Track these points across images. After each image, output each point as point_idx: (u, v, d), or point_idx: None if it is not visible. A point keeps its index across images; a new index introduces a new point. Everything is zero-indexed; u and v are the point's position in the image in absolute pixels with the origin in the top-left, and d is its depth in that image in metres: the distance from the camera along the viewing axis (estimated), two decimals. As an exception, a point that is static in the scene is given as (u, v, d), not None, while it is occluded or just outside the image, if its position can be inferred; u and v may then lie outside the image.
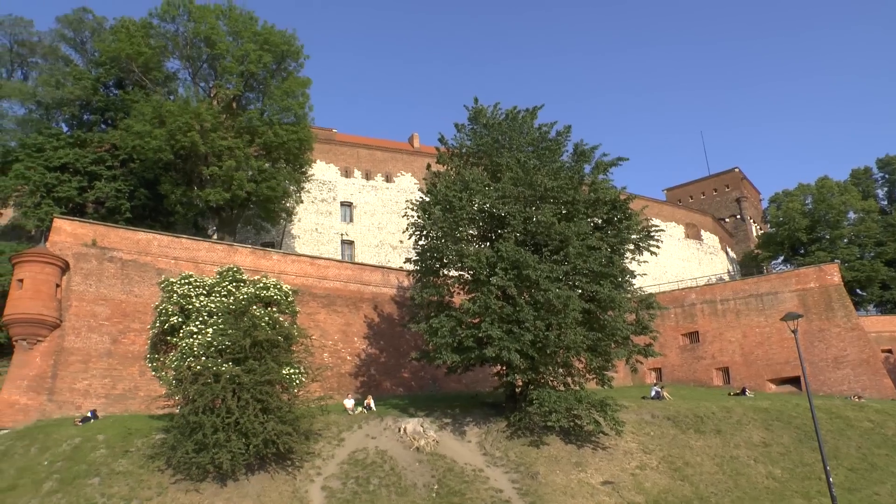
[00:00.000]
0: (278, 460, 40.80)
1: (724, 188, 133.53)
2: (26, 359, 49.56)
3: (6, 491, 37.77)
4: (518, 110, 52.05)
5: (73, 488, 37.72)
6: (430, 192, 49.75)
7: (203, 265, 56.78)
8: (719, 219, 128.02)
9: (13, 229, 73.03)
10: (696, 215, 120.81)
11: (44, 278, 51.09)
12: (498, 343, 42.62)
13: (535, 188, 46.70)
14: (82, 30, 78.00)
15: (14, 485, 38.30)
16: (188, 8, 68.30)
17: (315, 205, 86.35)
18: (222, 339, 41.55)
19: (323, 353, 57.30)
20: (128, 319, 53.33)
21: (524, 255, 43.28)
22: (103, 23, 77.37)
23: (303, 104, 69.44)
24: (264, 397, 39.54)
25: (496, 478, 41.53)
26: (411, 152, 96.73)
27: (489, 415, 49.07)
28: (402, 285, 64.70)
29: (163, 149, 62.89)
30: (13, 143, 70.22)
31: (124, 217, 65.09)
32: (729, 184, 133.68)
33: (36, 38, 79.21)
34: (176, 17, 68.84)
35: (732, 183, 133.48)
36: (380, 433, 45.79)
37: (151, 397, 47.53)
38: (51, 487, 37.94)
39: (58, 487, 37.85)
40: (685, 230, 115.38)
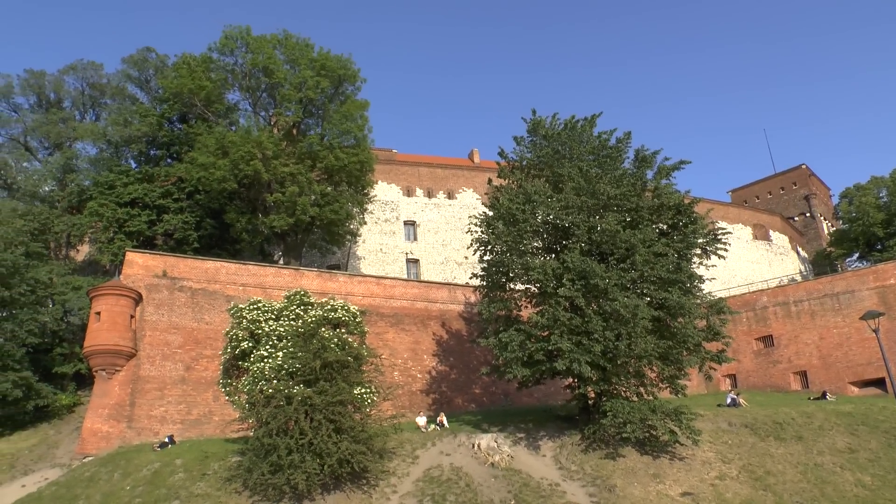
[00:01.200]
0: (353, 479, 41.02)
1: (792, 186, 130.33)
2: (106, 388, 51.13)
3: (93, 516, 38.81)
4: (577, 119, 51.70)
5: (155, 512, 38.54)
6: (493, 206, 49.68)
7: (271, 290, 57.57)
8: (788, 218, 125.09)
9: (89, 265, 75.37)
10: (763, 215, 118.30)
11: (119, 310, 52.68)
12: (568, 355, 42.20)
13: (597, 197, 46.31)
14: (146, 68, 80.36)
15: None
16: (246, 40, 69.79)
17: (378, 225, 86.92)
18: (293, 361, 42.11)
19: (393, 372, 57.53)
20: (200, 346, 54.44)
21: (590, 264, 42.85)
22: (166, 60, 79.55)
23: (362, 126, 70.07)
24: (337, 417, 39.87)
25: (573, 492, 40.98)
26: (472, 168, 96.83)
27: (563, 428, 48.56)
28: (468, 301, 64.66)
29: (227, 179, 64.19)
30: (87, 182, 72.57)
31: (192, 247, 66.68)
32: (796, 181, 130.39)
33: (105, 80, 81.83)
34: (234, 50, 70.51)
35: (800, 180, 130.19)
36: (454, 450, 45.64)
37: (226, 421, 48.36)
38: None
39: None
40: (753, 231, 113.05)
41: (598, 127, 51.92)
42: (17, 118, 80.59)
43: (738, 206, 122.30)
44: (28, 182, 74.98)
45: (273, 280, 59.66)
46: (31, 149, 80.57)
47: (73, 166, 75.23)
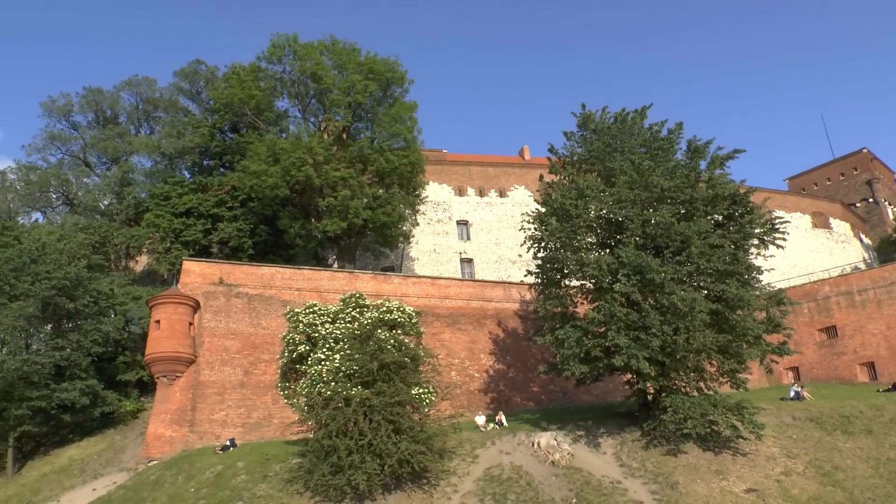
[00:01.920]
0: (414, 479, 41.18)
1: (853, 171, 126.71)
2: (168, 394, 52.20)
3: (160, 517, 39.79)
4: (627, 112, 51.13)
5: (219, 513, 39.30)
6: (545, 202, 49.44)
7: (326, 294, 58.01)
8: (849, 204, 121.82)
9: (148, 275, 77.02)
10: (822, 203, 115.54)
11: (178, 318, 53.79)
12: (626, 351, 41.81)
13: (651, 190, 45.74)
14: (197, 80, 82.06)
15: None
16: (293, 48, 70.60)
17: (431, 226, 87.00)
18: (350, 363, 42.44)
19: (450, 372, 57.57)
20: (257, 351, 55.22)
21: (645, 258, 42.38)
22: (216, 72, 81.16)
23: (411, 128, 70.38)
24: (395, 418, 40.09)
25: (635, 489, 40.51)
26: (523, 165, 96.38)
27: (623, 425, 48.03)
28: (524, 299, 64.40)
29: (279, 185, 64.94)
30: (143, 194, 74.16)
31: (247, 254, 67.68)
32: (857, 166, 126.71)
33: (158, 94, 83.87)
34: (282, 58, 71.47)
35: (861, 165, 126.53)
36: (514, 448, 45.50)
37: (285, 424, 48.98)
38: (198, 513, 39.67)
39: (205, 513, 39.56)
40: (812, 220, 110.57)
41: (648, 119, 51.30)
42: (77, 135, 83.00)
43: (795, 194, 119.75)
44: (88, 197, 77.12)
45: (328, 284, 60.16)
46: (90, 164, 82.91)
47: (129, 179, 77.13)
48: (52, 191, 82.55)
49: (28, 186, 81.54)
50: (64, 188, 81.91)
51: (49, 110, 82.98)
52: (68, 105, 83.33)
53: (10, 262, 55.81)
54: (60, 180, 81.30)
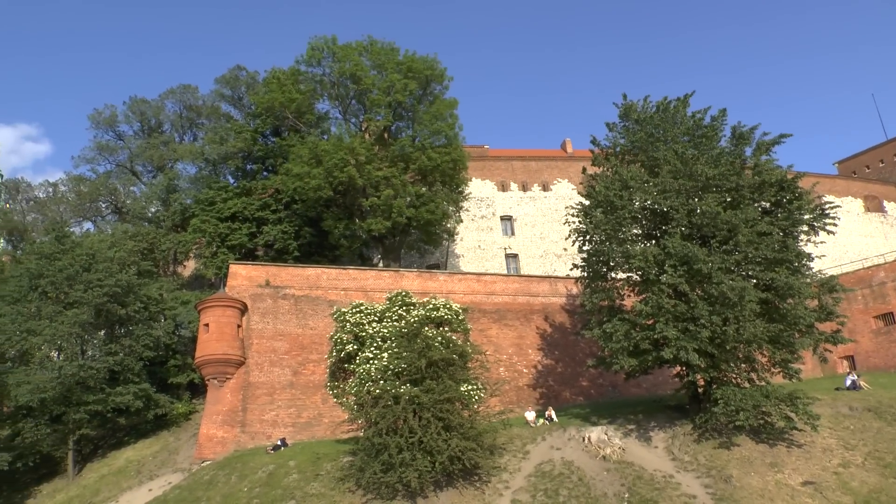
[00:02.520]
0: (465, 476, 41.18)
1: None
2: (218, 395, 52.98)
3: (215, 516, 40.53)
4: (669, 100, 50.30)
5: (273, 512, 39.74)
6: (589, 195, 49.07)
7: (372, 293, 58.25)
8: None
9: (196, 279, 78.23)
10: (875, 186, 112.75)
11: (226, 320, 54.59)
12: (674, 343, 41.24)
13: (695, 179, 45.05)
14: (238, 86, 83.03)
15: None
16: (332, 50, 71.05)
17: (475, 222, 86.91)
18: (398, 361, 42.57)
19: (499, 368, 57.45)
20: (306, 351, 55.76)
21: (692, 248, 41.77)
22: (256, 77, 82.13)
23: (452, 125, 70.36)
24: (445, 415, 40.13)
25: (688, 483, 39.90)
26: (565, 158, 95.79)
27: (673, 418, 47.36)
28: (570, 293, 64.05)
29: (322, 187, 65.35)
30: (189, 200, 75.33)
31: (293, 256, 68.39)
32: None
33: (200, 102, 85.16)
34: (321, 60, 72.01)
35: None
36: (564, 444, 45.20)
37: (335, 423, 49.36)
38: (252, 511, 40.22)
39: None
40: (864, 203, 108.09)
41: (691, 107, 50.43)
42: (123, 145, 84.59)
43: (846, 177, 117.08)
44: (136, 205, 78.53)
45: (374, 283, 60.47)
46: (136, 173, 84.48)
47: (175, 186, 78.40)
48: (101, 200, 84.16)
49: (78, 197, 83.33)
50: (112, 197, 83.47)
51: (96, 122, 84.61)
52: (114, 116, 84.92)
53: (65, 270, 57.27)
54: (109, 190, 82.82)
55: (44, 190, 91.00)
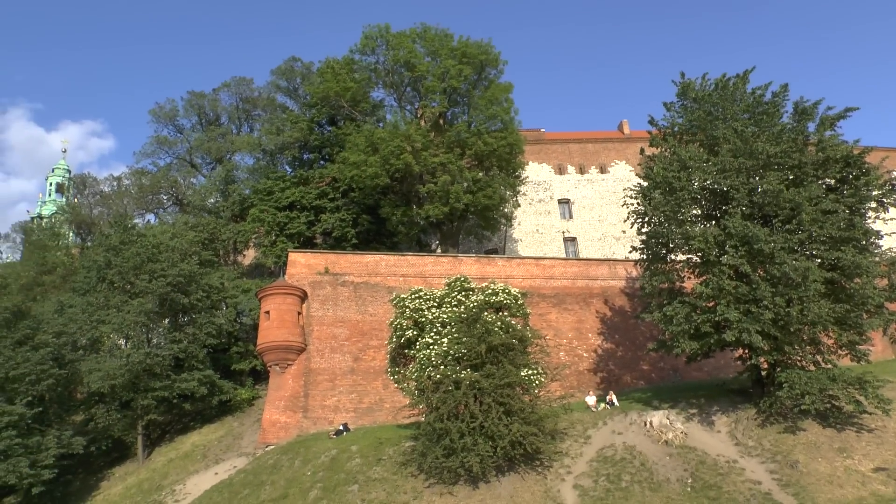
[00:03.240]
0: (527, 461, 41.14)
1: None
2: (280, 382, 53.81)
3: (279, 500, 41.83)
4: (728, 77, 49.13)
5: (336, 495, 40.70)
6: (647, 176, 48.33)
7: (431, 279, 58.48)
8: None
9: (256, 268, 79.38)
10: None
11: (286, 308, 55.37)
12: (736, 325, 40.57)
13: (756, 157, 43.88)
14: (293, 77, 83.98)
15: (285, 494, 42.25)
16: (385, 38, 71.25)
17: (533, 206, 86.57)
18: (458, 347, 42.65)
19: (559, 352, 57.32)
20: (366, 338, 56.22)
21: (753, 228, 40.85)
22: (311, 67, 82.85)
23: (507, 109, 70.12)
24: (506, 400, 40.07)
25: (752, 469, 39.23)
26: (622, 139, 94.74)
27: (736, 402, 46.51)
28: (630, 276, 63.46)
29: (379, 174, 65.71)
30: (247, 190, 76.47)
31: (351, 243, 69.07)
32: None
33: (256, 93, 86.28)
34: (375, 49, 72.28)
35: None
36: (626, 428, 44.88)
37: (396, 408, 49.61)
38: (316, 496, 41.26)
39: (322, 495, 41.08)
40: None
41: (750, 83, 49.11)
42: (182, 138, 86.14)
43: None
44: (196, 196, 79.89)
45: (432, 269, 60.67)
46: (195, 165, 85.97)
47: (233, 177, 79.78)
48: (162, 193, 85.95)
49: (141, 190, 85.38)
50: (173, 189, 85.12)
51: (156, 116, 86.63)
52: (174, 110, 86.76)
53: (130, 261, 58.61)
54: (169, 182, 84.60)
55: (108, 184, 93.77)
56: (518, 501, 38.59)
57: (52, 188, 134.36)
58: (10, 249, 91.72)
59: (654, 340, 49.96)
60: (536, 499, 38.81)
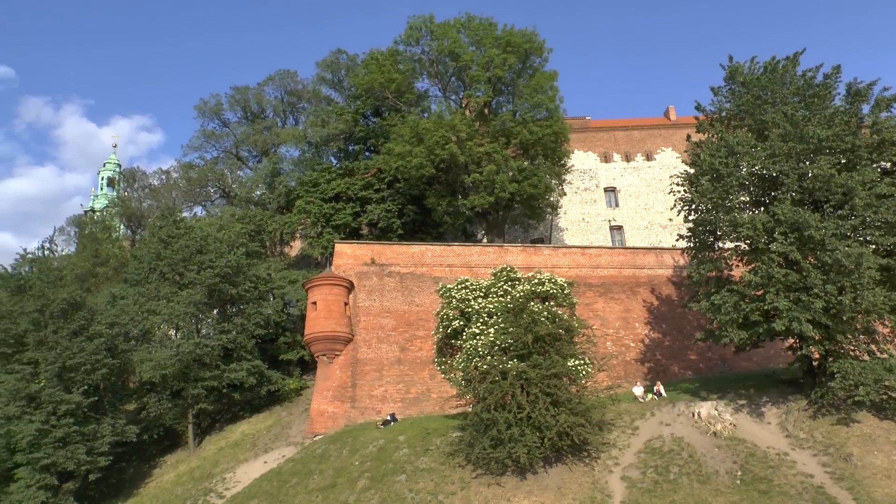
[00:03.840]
0: (574, 452, 40.90)
1: None
2: (328, 372, 54.25)
3: (328, 489, 42.23)
4: (777, 60, 48.06)
5: (384, 485, 40.94)
6: (694, 163, 47.64)
7: (477, 269, 58.41)
8: None
9: (302, 259, 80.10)
10: None
11: (333, 298, 55.80)
12: (786, 314, 39.68)
13: (807, 141, 42.74)
14: (338, 70, 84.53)
15: (333, 483, 42.74)
16: (430, 28, 71.20)
17: (578, 195, 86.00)
18: (504, 337, 42.45)
19: (606, 342, 56.93)
20: (412, 328, 56.37)
21: (804, 214, 39.90)
22: (355, 59, 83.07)
23: (552, 97, 69.69)
24: (553, 390, 39.82)
25: (804, 461, 38.42)
26: (669, 126, 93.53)
27: (787, 393, 45.48)
28: (677, 264, 62.72)
29: (424, 165, 65.75)
30: (293, 182, 76.99)
31: (397, 234, 69.22)
32: None
33: (301, 86, 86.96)
34: (420, 40, 72.27)
35: None
36: (674, 419, 44.31)
37: (443, 398, 49.74)
38: (364, 485, 41.58)
39: (370, 485, 41.38)
40: None
41: (801, 65, 48.00)
42: (228, 132, 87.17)
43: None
44: (242, 189, 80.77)
45: (478, 259, 60.63)
46: (241, 158, 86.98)
47: (279, 170, 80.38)
48: (209, 185, 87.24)
49: (188, 183, 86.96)
50: (220, 182, 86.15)
51: (202, 111, 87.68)
52: (219, 105, 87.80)
53: (180, 252, 59.42)
54: (216, 175, 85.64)
55: (157, 177, 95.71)
56: (566, 493, 38.38)
57: (103, 182, 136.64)
58: (66, 242, 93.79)
59: (702, 330, 49.18)
60: (584, 490, 38.57)
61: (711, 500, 36.52)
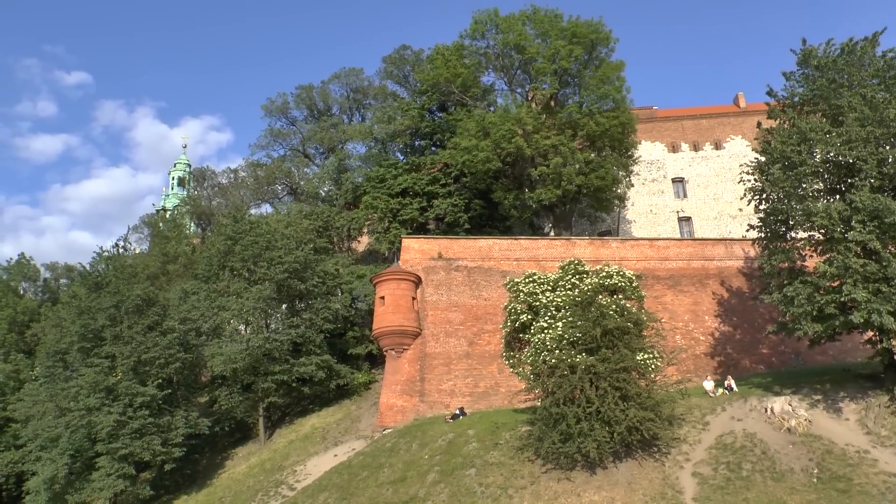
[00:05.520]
0: (644, 447, 40.31)
1: None
2: (396, 366, 54.58)
3: (398, 482, 42.49)
4: (855, 41, 46.31)
5: (454, 479, 41.01)
6: (765, 150, 46.36)
7: (544, 262, 58.13)
8: None
9: (369, 254, 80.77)
10: None
11: (401, 293, 56.10)
12: (865, 306, 38.33)
13: (887, 125, 40.89)
14: (404, 65, 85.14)
15: (403, 476, 42.97)
16: (495, 22, 71.07)
17: (646, 186, 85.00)
18: (573, 331, 42.16)
19: (675, 336, 56.01)
20: (480, 322, 56.31)
21: (884, 201, 38.41)
22: (420, 55, 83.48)
23: (619, 88, 68.92)
24: (622, 385, 39.35)
25: (886, 460, 36.81)
26: (738, 113, 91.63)
27: (866, 388, 43.75)
28: (748, 256, 61.36)
29: (490, 159, 65.64)
30: (360, 178, 77.72)
31: (463, 228, 69.24)
32: None
33: (366, 83, 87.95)
34: (485, 33, 72.31)
35: None
36: (745, 415, 43.20)
37: (512, 392, 49.45)
38: (434, 478, 41.69)
39: (440, 478, 41.48)
40: None
41: (881, 46, 46.28)
42: (295, 130, 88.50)
43: None
44: (309, 185, 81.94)
45: (545, 252, 60.31)
46: (308, 155, 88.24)
47: (345, 166, 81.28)
48: (277, 183, 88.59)
49: (256, 181, 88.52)
50: (287, 180, 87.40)
51: (269, 111, 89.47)
52: (285, 104, 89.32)
53: (249, 249, 60.34)
54: (283, 173, 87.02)
55: (226, 176, 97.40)
56: (636, 488, 37.85)
57: (174, 182, 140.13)
58: (139, 241, 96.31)
59: (775, 322, 47.88)
60: (655, 486, 37.97)
61: (787, 499, 35.47)
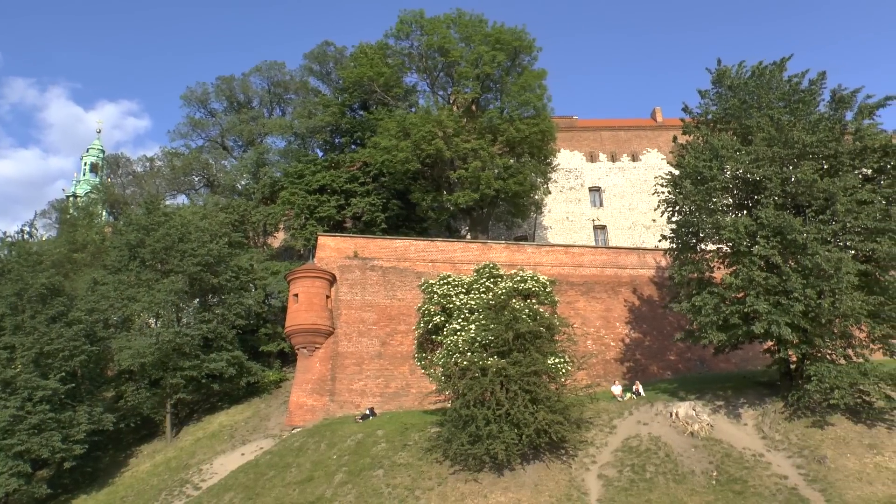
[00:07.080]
0: (552, 449, 41.12)
1: None
2: (308, 364, 54.22)
3: (305, 482, 42.17)
4: (764, 65, 48.18)
5: (361, 479, 40.97)
6: (679, 165, 47.71)
7: (460, 265, 58.43)
8: None
9: (285, 250, 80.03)
10: None
11: (315, 291, 55.66)
12: (765, 317, 39.93)
13: (791, 146, 43.02)
14: (326, 61, 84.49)
15: (310, 477, 42.68)
16: (420, 23, 71.05)
17: (563, 193, 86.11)
18: (485, 334, 42.63)
19: (586, 341, 57.01)
20: (394, 322, 56.32)
21: (786, 218, 40.15)
22: (344, 52, 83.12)
23: (540, 96, 69.57)
24: (532, 388, 40.02)
25: (778, 463, 38.78)
26: (655, 127, 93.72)
27: (764, 395, 45.90)
28: (659, 265, 62.93)
29: (410, 160, 65.68)
30: (278, 173, 76.88)
31: (380, 228, 69.06)
32: None
33: (288, 77, 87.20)
34: (409, 34, 72.12)
35: None
36: (651, 419, 44.58)
37: (423, 394, 49.68)
38: (341, 479, 41.58)
39: (347, 479, 41.39)
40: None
41: (788, 70, 48.07)
42: (214, 121, 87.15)
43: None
44: (227, 178, 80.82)
45: (461, 255, 60.54)
46: (227, 147, 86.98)
47: (264, 160, 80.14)
48: (194, 174, 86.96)
49: (173, 171, 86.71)
50: (205, 171, 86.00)
51: (189, 100, 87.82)
52: (205, 94, 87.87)
53: (162, 240, 59.06)
54: (201, 164, 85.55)
55: (141, 164, 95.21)
56: (542, 490, 38.53)
57: (86, 168, 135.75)
58: (47, 227, 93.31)
59: (682, 330, 49.33)
60: (561, 487, 38.73)
61: (687, 500, 36.79)
